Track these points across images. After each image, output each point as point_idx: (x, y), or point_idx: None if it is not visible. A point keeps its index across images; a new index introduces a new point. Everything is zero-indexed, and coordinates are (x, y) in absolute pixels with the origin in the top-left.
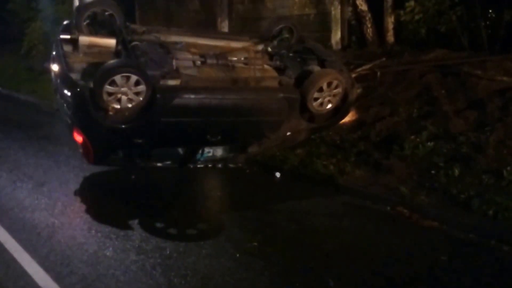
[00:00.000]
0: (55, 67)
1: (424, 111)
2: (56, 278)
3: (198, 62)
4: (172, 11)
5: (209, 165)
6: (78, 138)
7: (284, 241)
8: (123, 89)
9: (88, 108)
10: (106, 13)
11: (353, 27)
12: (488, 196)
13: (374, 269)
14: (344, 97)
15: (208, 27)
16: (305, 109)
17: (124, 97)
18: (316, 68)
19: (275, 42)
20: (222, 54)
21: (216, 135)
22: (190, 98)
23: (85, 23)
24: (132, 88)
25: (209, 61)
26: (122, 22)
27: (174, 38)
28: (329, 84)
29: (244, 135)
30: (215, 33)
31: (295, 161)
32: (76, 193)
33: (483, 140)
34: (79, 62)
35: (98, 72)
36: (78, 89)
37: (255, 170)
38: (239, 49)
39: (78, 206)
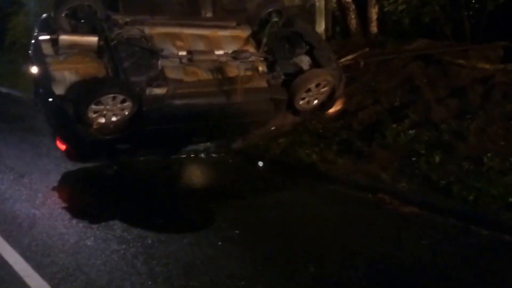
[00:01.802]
0: (34, 70)
1: (406, 99)
2: (37, 267)
3: (185, 60)
4: (156, 3)
5: (192, 155)
6: (61, 146)
7: (266, 229)
8: (109, 107)
9: (71, 123)
10: (86, 3)
11: (337, 18)
12: (468, 182)
13: (356, 254)
14: (331, 93)
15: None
16: (291, 105)
17: (109, 113)
18: (305, 60)
19: (265, 33)
20: (209, 50)
21: (201, 136)
22: (177, 108)
23: (63, 15)
24: (118, 105)
25: (195, 57)
26: (103, 13)
27: (158, 29)
28: (317, 85)
29: (229, 134)
30: (201, 20)
31: (278, 150)
32: (58, 184)
33: (464, 127)
34: (61, 70)
35: (84, 91)
36: (62, 106)
37: (238, 160)
38: (227, 38)
39: (59, 197)
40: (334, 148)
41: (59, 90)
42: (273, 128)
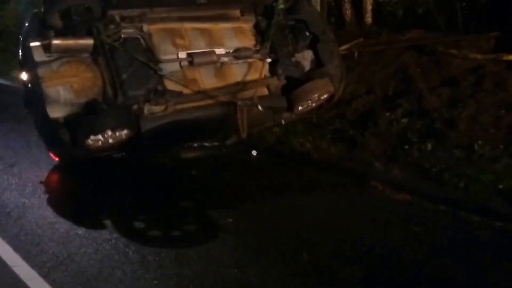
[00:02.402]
0: (25, 76)
1: (399, 89)
2: (26, 257)
3: (185, 63)
4: None
5: (185, 145)
6: (55, 157)
7: (259, 216)
8: (107, 135)
9: (67, 146)
10: (80, 3)
11: (332, 8)
12: (459, 170)
13: (348, 241)
14: (331, 97)
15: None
16: (289, 109)
17: (107, 139)
18: (307, 56)
19: (269, 35)
20: (210, 49)
21: (197, 140)
22: (176, 123)
23: (56, 15)
24: (117, 133)
25: (196, 60)
26: (98, 10)
27: (157, 25)
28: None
29: (224, 134)
30: (203, 10)
31: (272, 139)
32: (48, 173)
33: (456, 116)
34: (54, 86)
35: (82, 125)
36: (58, 132)
37: (231, 149)
38: (229, 31)
39: (49, 186)
40: (327, 137)
41: (53, 111)
42: (269, 125)
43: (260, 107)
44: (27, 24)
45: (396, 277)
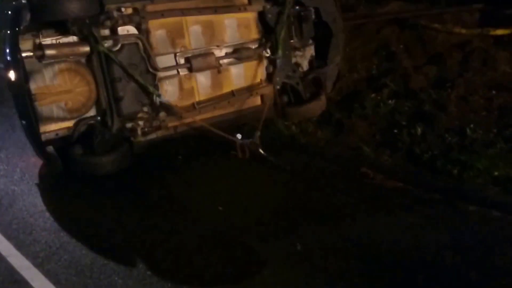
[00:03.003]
0: (12, 76)
1: (383, 67)
2: (19, 246)
3: (184, 69)
4: None
5: None
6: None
7: (249, 207)
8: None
9: (60, 171)
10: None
11: None
12: (452, 155)
13: (339, 231)
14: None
15: None
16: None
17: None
18: (307, 55)
19: (278, 27)
20: (210, 52)
21: None
22: (168, 139)
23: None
24: None
25: (194, 65)
26: (96, 9)
27: (158, 21)
28: None
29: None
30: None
31: None
32: (36, 158)
33: (444, 96)
34: (48, 104)
35: (79, 163)
36: (52, 163)
37: (216, 133)
38: (233, 23)
39: (38, 172)
40: (313, 119)
41: (45, 127)
42: None
43: (261, 151)
44: (13, 14)
45: (388, 268)
